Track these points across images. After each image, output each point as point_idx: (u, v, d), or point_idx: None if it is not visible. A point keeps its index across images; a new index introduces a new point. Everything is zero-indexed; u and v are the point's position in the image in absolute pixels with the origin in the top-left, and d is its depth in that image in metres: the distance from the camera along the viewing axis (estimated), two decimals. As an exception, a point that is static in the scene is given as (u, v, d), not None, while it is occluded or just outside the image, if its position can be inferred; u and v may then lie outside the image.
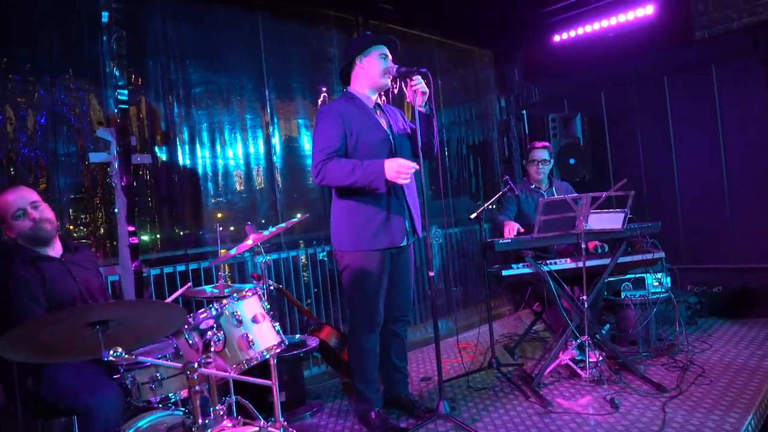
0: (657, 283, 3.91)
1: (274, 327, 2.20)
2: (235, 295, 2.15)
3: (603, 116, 5.59)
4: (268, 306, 2.23)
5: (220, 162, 3.89)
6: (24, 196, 2.40)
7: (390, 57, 2.92)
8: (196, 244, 3.80)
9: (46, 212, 2.44)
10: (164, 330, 1.87)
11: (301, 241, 4.42)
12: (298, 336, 3.57)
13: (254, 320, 2.14)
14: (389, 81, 2.93)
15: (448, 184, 5.56)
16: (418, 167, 2.69)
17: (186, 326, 2.00)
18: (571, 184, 4.81)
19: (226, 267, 3.93)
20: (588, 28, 5.42)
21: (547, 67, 5.94)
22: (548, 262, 3.48)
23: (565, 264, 3.49)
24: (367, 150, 2.81)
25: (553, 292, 3.34)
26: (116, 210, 3.30)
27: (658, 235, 3.59)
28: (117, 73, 3.30)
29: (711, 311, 4.73)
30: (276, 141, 4.19)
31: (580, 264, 3.31)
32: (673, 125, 5.15)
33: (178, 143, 3.65)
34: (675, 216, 5.12)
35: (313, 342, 3.49)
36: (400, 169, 2.65)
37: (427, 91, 2.79)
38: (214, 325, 2.00)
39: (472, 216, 3.60)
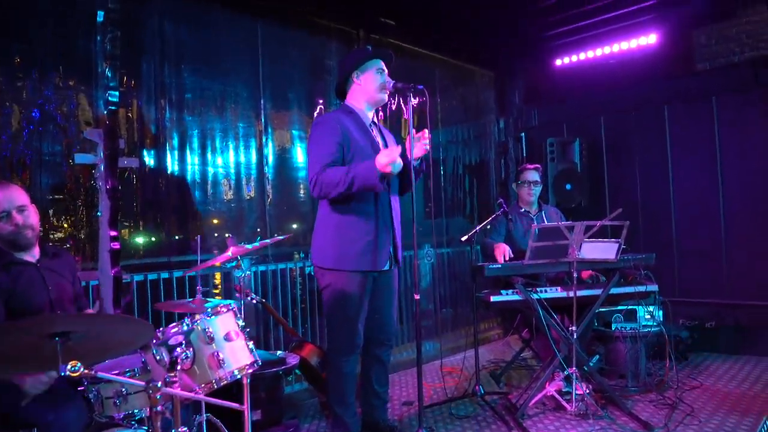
0: (649, 316, 3.83)
1: (247, 346, 2.11)
2: (209, 310, 2.07)
3: (602, 142, 5.56)
4: (244, 323, 2.14)
5: (210, 170, 3.82)
6: (12, 198, 2.31)
7: (386, 71, 2.88)
8: (181, 251, 3.71)
9: (31, 218, 2.34)
10: (130, 344, 1.78)
11: (295, 254, 4.35)
12: (279, 353, 3.47)
13: (227, 338, 2.05)
14: (386, 96, 2.88)
15: (442, 204, 5.49)
16: (398, 156, 2.57)
17: (154, 341, 1.91)
18: (567, 210, 4.76)
19: (217, 277, 3.84)
20: (590, 54, 5.41)
21: (547, 91, 5.92)
22: (538, 289, 3.40)
23: (556, 293, 3.41)
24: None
25: (541, 321, 3.25)
26: (99, 213, 3.21)
27: (651, 266, 3.52)
28: (109, 74, 3.23)
29: (703, 347, 4.65)
30: (269, 151, 4.12)
31: (571, 293, 3.23)
32: (672, 154, 5.12)
33: (167, 148, 3.58)
34: (670, 247, 5.07)
35: (293, 360, 3.39)
36: (387, 158, 2.54)
37: (428, 149, 2.73)
38: (184, 342, 1.91)
39: (464, 239, 3.53)
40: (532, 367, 4.40)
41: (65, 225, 3.17)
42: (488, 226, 3.94)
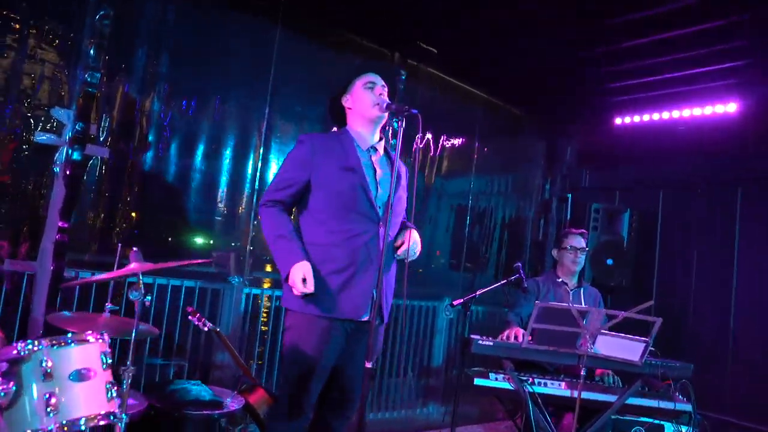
0: (680, 437, 3.05)
1: (107, 390, 1.63)
2: (69, 336, 1.60)
3: (657, 218, 4.84)
4: (110, 360, 1.66)
5: (194, 175, 3.42)
6: None
7: (384, 85, 2.43)
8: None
9: None
10: None
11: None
12: (224, 397, 2.96)
13: (79, 376, 1.58)
14: (385, 114, 2.41)
15: (463, 256, 4.92)
16: (309, 292, 2.22)
17: (-26, 365, 1.47)
18: (604, 288, 4.07)
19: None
20: (656, 116, 4.74)
21: (602, 150, 5.28)
22: (536, 380, 2.73)
23: (558, 389, 2.73)
24: (332, 196, 2.33)
25: (531, 421, 2.58)
26: (51, 201, 2.89)
27: (696, 375, 2.80)
28: (93, 53, 2.95)
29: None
30: (267, 167, 3.71)
31: (576, 393, 2.55)
32: (740, 243, 4.33)
33: (146, 144, 3.23)
34: (724, 352, 4.26)
35: (235, 404, 2.89)
36: (298, 278, 2.22)
37: (417, 253, 2.40)
38: (3, 372, 1.45)
39: (455, 303, 2.92)
40: (530, 466, 3.67)
41: (6, 210, 2.83)
42: (505, 291, 3.32)
